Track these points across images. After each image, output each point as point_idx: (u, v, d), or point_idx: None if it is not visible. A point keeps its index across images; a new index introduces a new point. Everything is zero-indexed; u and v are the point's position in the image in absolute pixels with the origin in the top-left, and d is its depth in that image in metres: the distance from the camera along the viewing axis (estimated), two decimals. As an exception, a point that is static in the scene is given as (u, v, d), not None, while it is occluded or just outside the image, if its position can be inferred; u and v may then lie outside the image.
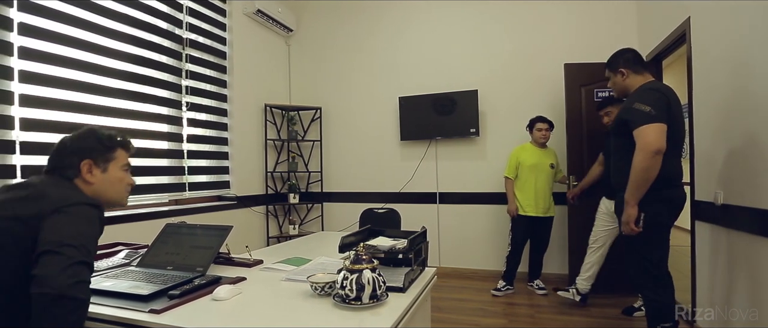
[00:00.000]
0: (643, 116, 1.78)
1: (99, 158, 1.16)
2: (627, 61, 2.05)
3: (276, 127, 4.45)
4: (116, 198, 1.23)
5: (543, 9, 3.80)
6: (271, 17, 4.14)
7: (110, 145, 1.20)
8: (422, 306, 1.39)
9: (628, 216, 1.84)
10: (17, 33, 2.23)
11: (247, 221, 3.96)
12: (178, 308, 1.17)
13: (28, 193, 1.05)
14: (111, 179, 1.19)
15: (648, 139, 1.75)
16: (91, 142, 1.17)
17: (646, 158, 1.75)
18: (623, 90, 2.06)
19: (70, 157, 1.14)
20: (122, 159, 1.23)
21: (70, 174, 1.14)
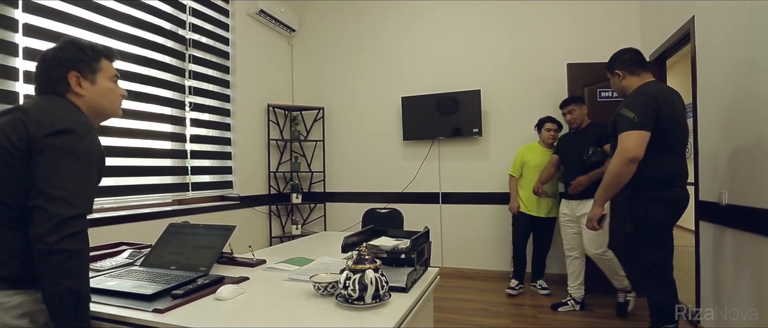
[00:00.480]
0: (626, 122, 1.81)
1: (85, 70, 1.13)
2: (623, 62, 2.05)
3: (279, 127, 4.46)
4: (110, 109, 1.21)
5: (546, 9, 3.79)
6: (274, 17, 4.15)
7: (93, 55, 1.16)
8: (425, 306, 1.39)
9: (593, 214, 1.99)
10: (22, 34, 2.25)
11: (250, 220, 3.96)
12: (182, 308, 1.17)
13: (19, 116, 1.01)
14: (102, 90, 1.16)
15: (626, 145, 1.78)
16: (73, 52, 1.12)
17: (620, 164, 1.80)
18: (621, 91, 2.08)
19: (56, 71, 1.10)
20: (109, 69, 1.20)
21: (60, 89, 1.11)
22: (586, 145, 2.81)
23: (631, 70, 2.02)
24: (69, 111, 1.07)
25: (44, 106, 1.06)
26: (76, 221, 0.95)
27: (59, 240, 0.91)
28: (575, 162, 2.87)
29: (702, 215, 2.39)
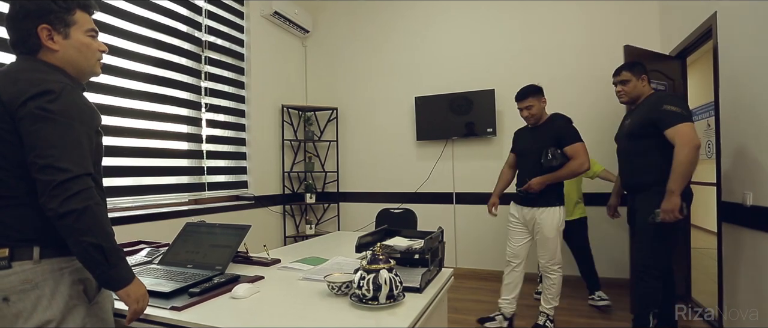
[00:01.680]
0: (676, 116, 1.97)
1: (57, 22, 1.02)
2: (645, 68, 2.26)
3: (293, 127, 4.49)
4: (86, 67, 1.09)
5: (561, 7, 3.73)
6: (288, 19, 4.18)
7: (65, 5, 1.04)
8: (439, 307, 1.39)
9: (674, 205, 1.94)
10: None
11: (265, 220, 4.00)
12: (199, 306, 1.19)
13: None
14: (76, 45, 1.06)
15: (691, 135, 1.94)
16: (42, 2, 1.01)
17: (691, 152, 1.92)
18: (637, 96, 2.24)
19: (24, 23, 1.01)
20: (85, 22, 1.08)
21: (31, 45, 1.02)
22: (543, 144, 2.44)
23: (649, 79, 2.26)
24: (40, 72, 0.99)
25: (15, 71, 0.99)
26: (70, 182, 0.91)
27: (61, 204, 0.90)
28: (532, 163, 2.48)
29: (725, 216, 2.32)
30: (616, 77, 2.31)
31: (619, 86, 2.29)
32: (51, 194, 0.90)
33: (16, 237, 0.93)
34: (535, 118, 2.54)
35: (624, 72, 2.26)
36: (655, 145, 2.06)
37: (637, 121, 2.15)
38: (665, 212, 1.96)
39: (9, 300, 0.90)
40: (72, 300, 0.96)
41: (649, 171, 2.09)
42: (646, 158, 2.11)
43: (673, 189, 1.95)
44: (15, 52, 1.04)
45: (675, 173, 1.95)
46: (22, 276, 0.91)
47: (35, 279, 0.92)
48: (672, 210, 1.95)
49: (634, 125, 2.17)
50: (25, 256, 0.92)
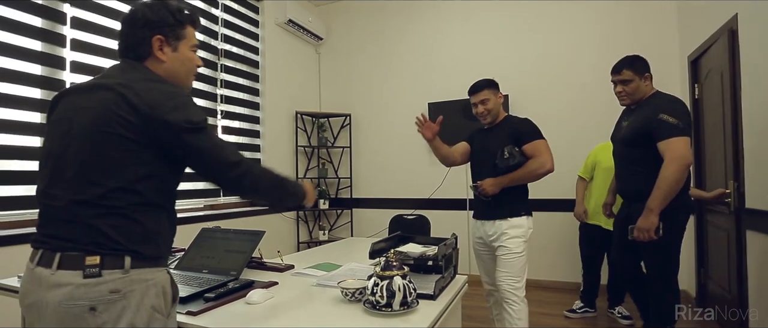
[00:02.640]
0: (671, 128, 1.80)
1: (170, 35, 1.06)
2: (648, 68, 2.03)
3: (306, 134, 4.53)
4: (184, 80, 1.13)
5: (577, 10, 3.70)
6: (302, 27, 4.23)
7: (181, 19, 1.08)
8: (453, 314, 1.37)
9: (650, 224, 1.81)
10: (70, 26, 2.43)
11: (278, 226, 4.03)
12: (214, 311, 1.20)
13: (116, 95, 0.94)
14: (182, 59, 1.09)
15: (681, 151, 1.78)
16: (162, 13, 1.05)
17: (679, 170, 1.78)
18: (640, 96, 2.02)
19: (142, 31, 1.04)
20: (192, 37, 1.13)
21: (141, 52, 1.04)
22: (500, 144, 2.12)
23: (651, 79, 2.04)
24: (162, 81, 1.02)
25: (139, 79, 0.99)
26: (235, 166, 1.03)
27: (244, 193, 1.17)
28: (488, 165, 2.14)
29: (749, 224, 2.25)
30: (616, 75, 2.05)
31: (620, 86, 2.05)
32: (236, 183, 1.06)
33: (109, 246, 0.90)
34: (491, 115, 2.20)
35: (625, 70, 2.01)
36: (651, 155, 1.87)
37: (635, 127, 1.96)
38: (639, 230, 1.83)
39: (96, 310, 0.87)
40: (154, 313, 0.94)
41: (646, 181, 1.88)
42: (642, 167, 1.94)
43: (651, 207, 1.80)
44: (121, 53, 1.07)
45: (658, 189, 1.79)
46: (111, 286, 0.88)
47: (123, 289, 0.89)
48: (647, 229, 1.81)
49: (631, 131, 1.98)
50: (116, 265, 0.90)
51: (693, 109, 3.10)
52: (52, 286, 0.88)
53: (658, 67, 3.41)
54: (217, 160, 1.01)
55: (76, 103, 0.98)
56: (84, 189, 0.91)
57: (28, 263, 0.96)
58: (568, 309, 3.03)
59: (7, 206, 2.16)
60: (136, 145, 0.93)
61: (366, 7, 4.59)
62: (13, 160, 2.20)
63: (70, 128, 0.95)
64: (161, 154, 0.96)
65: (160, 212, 1.00)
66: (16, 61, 2.18)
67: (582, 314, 2.98)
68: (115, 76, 0.99)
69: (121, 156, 0.92)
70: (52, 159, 0.97)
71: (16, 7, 2.18)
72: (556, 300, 3.32)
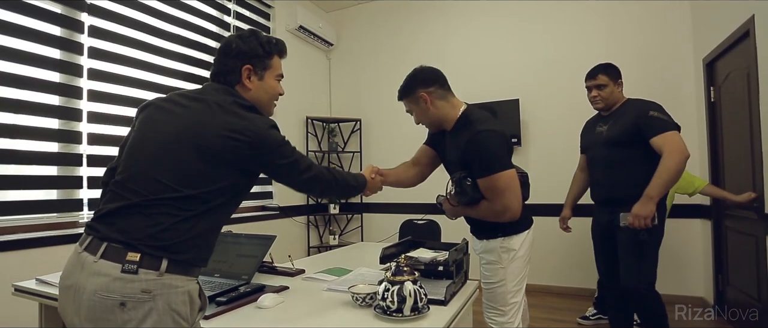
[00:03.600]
0: (665, 123, 1.87)
1: (258, 65, 1.15)
2: (620, 75, 2.14)
3: (317, 139, 4.55)
4: (266, 108, 1.21)
5: (588, 12, 3.66)
6: (313, 33, 4.27)
7: (269, 50, 1.17)
8: (464, 320, 1.36)
9: (649, 210, 1.83)
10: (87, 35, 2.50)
11: (289, 230, 4.05)
12: (225, 315, 1.21)
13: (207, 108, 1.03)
14: (266, 88, 1.18)
15: (681, 144, 1.83)
16: (253, 44, 1.14)
17: (681, 161, 1.82)
18: (613, 101, 2.12)
19: (234, 61, 1.12)
20: (277, 67, 1.21)
21: (231, 79, 1.13)
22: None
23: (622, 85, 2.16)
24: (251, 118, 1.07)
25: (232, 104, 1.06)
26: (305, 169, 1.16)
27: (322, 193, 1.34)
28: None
29: (768, 229, 2.19)
30: (592, 80, 2.14)
31: (595, 91, 2.13)
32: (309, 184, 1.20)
33: (151, 246, 0.93)
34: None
35: (600, 75, 2.12)
36: (640, 156, 1.93)
37: (621, 128, 2.00)
38: (636, 217, 1.84)
39: (125, 306, 0.90)
40: (180, 320, 0.95)
41: (633, 184, 1.92)
42: (629, 170, 1.97)
43: (652, 195, 1.83)
44: (213, 77, 1.16)
45: (659, 178, 1.82)
46: (143, 285, 0.91)
47: (154, 291, 0.92)
48: (646, 216, 1.83)
49: (616, 133, 2.02)
50: (153, 266, 0.92)
51: (709, 113, 3.04)
52: (93, 273, 0.92)
53: (671, 69, 3.40)
54: (293, 171, 1.14)
55: (173, 110, 1.05)
56: (154, 190, 0.96)
57: (76, 246, 1.00)
58: (581, 316, 2.98)
59: (27, 210, 2.21)
60: (221, 160, 1.00)
61: (376, 13, 4.61)
62: (32, 166, 2.25)
63: (161, 131, 1.02)
64: (242, 170, 1.05)
65: (207, 224, 1.03)
66: (36, 69, 2.24)
67: (595, 321, 2.92)
68: (211, 95, 1.07)
69: (206, 168, 0.99)
70: (132, 153, 1.03)
71: (37, 16, 2.24)
72: (566, 306, 3.27)
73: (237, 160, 1.02)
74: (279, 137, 1.10)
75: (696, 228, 3.26)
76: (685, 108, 3.29)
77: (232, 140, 1.00)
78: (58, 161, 2.36)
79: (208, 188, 0.99)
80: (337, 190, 1.29)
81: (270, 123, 1.10)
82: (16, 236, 2.11)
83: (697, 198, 3.20)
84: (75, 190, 2.42)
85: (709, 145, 3.04)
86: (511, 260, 1.56)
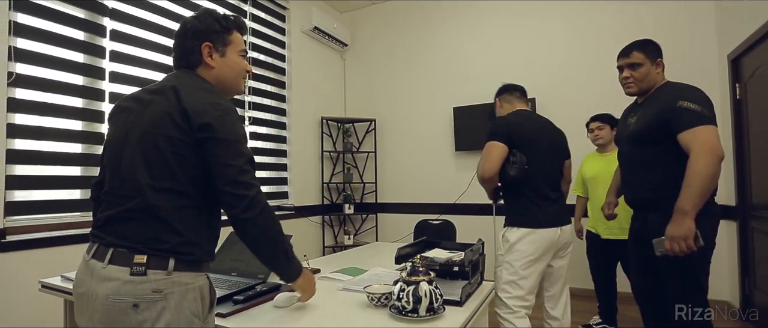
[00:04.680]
0: (695, 116, 1.50)
1: (217, 41, 1.12)
2: (662, 53, 1.73)
3: (332, 139, 4.58)
4: (234, 86, 1.18)
5: (607, 10, 3.59)
6: (328, 33, 4.29)
7: (226, 25, 1.14)
8: (480, 321, 1.35)
9: (686, 230, 1.44)
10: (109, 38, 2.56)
11: (304, 230, 4.08)
12: (242, 313, 1.22)
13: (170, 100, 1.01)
14: (229, 64, 1.15)
15: (713, 141, 1.47)
16: (208, 22, 1.12)
17: (713, 163, 1.45)
18: (650, 85, 1.72)
19: (192, 41, 1.10)
20: (239, 43, 1.18)
21: (192, 60, 1.11)
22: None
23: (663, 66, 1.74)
24: (209, 94, 1.06)
25: (187, 85, 1.05)
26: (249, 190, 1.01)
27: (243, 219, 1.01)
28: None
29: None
30: (624, 59, 1.75)
31: (627, 71, 1.73)
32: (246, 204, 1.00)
33: (156, 246, 0.95)
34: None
35: (635, 52, 1.72)
36: (669, 153, 1.57)
37: (647, 120, 1.64)
38: (673, 240, 1.46)
39: (138, 307, 0.92)
40: (192, 317, 0.97)
41: (663, 185, 1.60)
42: (656, 170, 1.63)
43: (686, 209, 1.45)
44: (176, 65, 1.14)
45: (690, 186, 1.46)
46: (154, 285, 0.93)
47: (165, 290, 0.94)
48: (683, 237, 1.45)
49: (641, 125, 1.66)
50: (161, 266, 0.94)
51: (734, 110, 2.95)
52: (103, 279, 0.94)
53: (693, 65, 3.30)
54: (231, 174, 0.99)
55: (135, 108, 1.05)
56: (139, 191, 0.97)
57: (84, 255, 1.03)
58: (584, 325, 2.85)
59: (53, 209, 2.28)
60: (186, 148, 0.98)
61: (390, 13, 4.61)
62: (57, 166, 2.32)
63: (129, 132, 1.02)
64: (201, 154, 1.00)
65: (205, 217, 1.04)
66: (61, 72, 2.31)
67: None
68: (170, 82, 1.07)
69: (175, 158, 0.98)
70: (111, 160, 1.04)
71: (63, 22, 2.31)
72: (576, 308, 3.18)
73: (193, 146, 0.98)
74: (237, 129, 1.03)
75: (721, 230, 3.15)
76: (708, 106, 3.20)
77: (175, 121, 0.97)
78: (81, 162, 2.43)
79: (187, 177, 0.98)
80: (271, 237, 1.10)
81: (233, 109, 1.05)
82: (42, 234, 2.18)
83: (723, 198, 3.11)
84: (97, 190, 2.49)
85: (735, 145, 2.95)
86: (507, 251, 1.85)
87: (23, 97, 2.15)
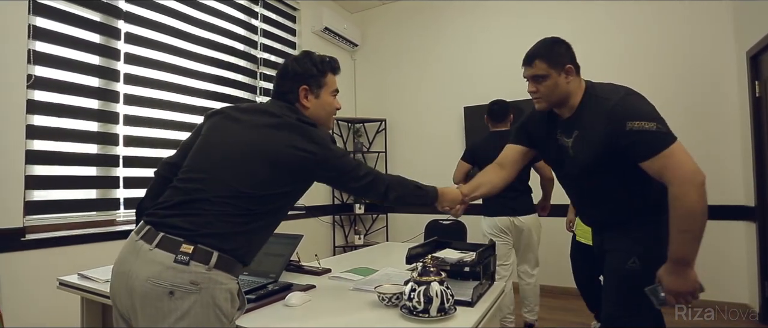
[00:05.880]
0: (656, 138, 1.20)
1: (313, 84, 1.22)
2: (573, 55, 1.43)
3: (342, 139, 4.59)
4: (325, 123, 1.30)
5: (619, 8, 3.53)
6: (338, 34, 4.31)
7: (322, 69, 1.24)
8: (491, 322, 1.34)
9: (693, 284, 1.19)
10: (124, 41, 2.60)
11: (315, 230, 4.09)
12: (255, 312, 1.23)
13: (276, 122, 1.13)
14: (323, 104, 1.25)
15: (690, 164, 1.18)
16: (307, 66, 1.22)
17: (704, 192, 1.16)
18: (564, 98, 1.41)
19: (290, 83, 1.21)
20: (332, 84, 1.28)
21: (290, 98, 1.21)
22: None
23: (578, 69, 1.43)
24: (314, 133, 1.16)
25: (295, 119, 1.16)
26: (368, 177, 1.22)
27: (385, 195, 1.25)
28: None
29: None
30: (527, 69, 1.44)
31: (531, 84, 1.43)
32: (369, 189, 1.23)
33: (205, 239, 0.99)
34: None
35: (537, 61, 1.40)
36: (627, 179, 1.33)
37: (592, 151, 1.32)
38: (678, 296, 1.20)
39: (174, 295, 0.95)
40: (220, 315, 0.99)
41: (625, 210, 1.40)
42: (613, 197, 1.41)
43: (687, 260, 1.18)
44: (274, 95, 1.25)
45: (687, 232, 1.17)
46: (192, 277, 0.96)
47: (201, 284, 0.96)
48: (690, 292, 1.19)
49: (588, 158, 1.34)
50: (204, 259, 0.97)
51: (753, 109, 2.88)
52: (147, 261, 0.98)
53: (710, 63, 3.23)
54: (354, 178, 1.19)
55: (239, 119, 1.15)
56: (219, 189, 1.03)
57: (132, 234, 1.06)
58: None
59: (69, 208, 2.33)
60: (288, 170, 1.09)
61: (400, 13, 4.61)
62: (74, 167, 2.37)
63: (227, 139, 1.12)
64: (303, 179, 1.15)
65: (260, 226, 1.09)
66: (78, 75, 2.35)
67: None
68: (276, 110, 1.17)
69: (271, 172, 1.07)
70: (200, 156, 1.12)
71: (77, 25, 2.36)
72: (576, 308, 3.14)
73: (302, 171, 1.11)
74: (340, 151, 1.18)
75: (739, 231, 3.09)
76: (726, 104, 3.13)
77: (299, 152, 1.09)
78: (97, 162, 2.48)
79: (269, 191, 1.07)
80: (399, 189, 1.28)
81: (331, 138, 1.18)
82: (60, 233, 2.23)
83: (738, 198, 3.04)
84: (112, 189, 2.53)
85: (755, 144, 2.88)
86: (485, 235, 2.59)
87: (41, 98, 2.20)
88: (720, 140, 3.14)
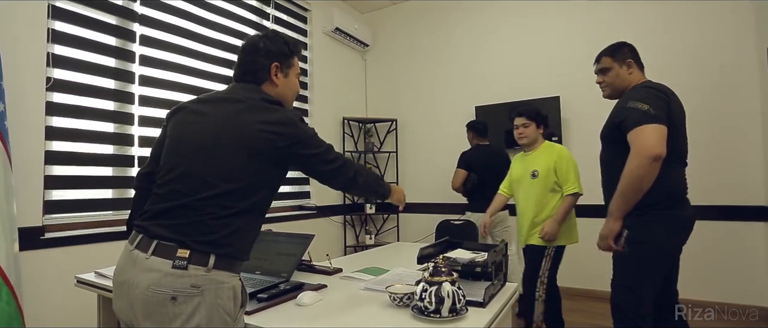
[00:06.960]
0: (638, 115, 1.51)
1: (284, 63, 1.21)
2: (634, 52, 1.79)
3: (353, 139, 4.60)
4: (290, 103, 1.29)
5: (633, 6, 3.48)
6: (349, 34, 4.32)
7: (292, 50, 1.25)
8: (503, 323, 1.33)
9: (608, 230, 1.58)
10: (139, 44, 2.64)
11: (326, 230, 4.11)
12: (267, 311, 1.24)
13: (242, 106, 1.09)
14: (290, 85, 1.25)
15: (646, 142, 1.47)
16: (280, 44, 1.22)
17: (641, 165, 1.47)
18: (622, 88, 1.76)
19: (263, 59, 1.18)
20: (297, 66, 1.28)
21: (260, 77, 1.19)
22: None
23: (640, 65, 1.78)
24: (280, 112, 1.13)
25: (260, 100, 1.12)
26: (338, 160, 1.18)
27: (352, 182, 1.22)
28: None
29: None
30: (596, 65, 1.88)
31: (599, 76, 1.85)
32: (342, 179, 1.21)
33: (198, 241, 0.98)
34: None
35: (604, 57, 1.83)
36: (622, 154, 1.56)
37: (607, 122, 1.71)
38: (600, 238, 1.61)
39: (176, 300, 0.95)
40: (225, 314, 1.00)
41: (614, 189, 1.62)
42: (613, 171, 1.62)
43: (610, 210, 1.57)
44: (238, 78, 1.22)
45: (617, 190, 1.54)
46: (193, 280, 0.96)
47: (203, 286, 0.97)
48: (605, 236, 1.58)
49: (605, 126, 1.73)
50: (201, 262, 0.97)
51: (773, 106, 2.81)
52: (145, 270, 0.98)
53: (730, 58, 3.16)
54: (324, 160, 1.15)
55: (207, 113, 1.11)
56: (200, 188, 1.02)
57: (127, 245, 1.07)
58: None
59: (86, 207, 2.38)
60: (260, 153, 1.05)
61: (411, 13, 4.60)
62: (91, 167, 2.41)
63: (194, 134, 1.08)
64: (277, 162, 1.10)
65: (249, 219, 1.08)
66: (95, 77, 2.40)
67: None
68: (239, 94, 1.13)
69: (245, 161, 1.04)
70: (173, 158, 1.09)
71: (94, 28, 2.40)
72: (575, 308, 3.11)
73: (274, 153, 1.07)
74: (310, 130, 1.15)
75: (757, 232, 3.02)
76: (746, 100, 3.06)
77: (268, 133, 1.05)
78: (113, 163, 2.52)
79: (248, 181, 1.05)
80: (365, 176, 1.27)
81: (299, 116, 1.16)
82: (77, 231, 2.28)
83: (758, 198, 2.97)
84: (128, 189, 2.58)
85: (774, 142, 2.81)
86: None
87: (60, 100, 2.25)
88: (740, 140, 3.07)
